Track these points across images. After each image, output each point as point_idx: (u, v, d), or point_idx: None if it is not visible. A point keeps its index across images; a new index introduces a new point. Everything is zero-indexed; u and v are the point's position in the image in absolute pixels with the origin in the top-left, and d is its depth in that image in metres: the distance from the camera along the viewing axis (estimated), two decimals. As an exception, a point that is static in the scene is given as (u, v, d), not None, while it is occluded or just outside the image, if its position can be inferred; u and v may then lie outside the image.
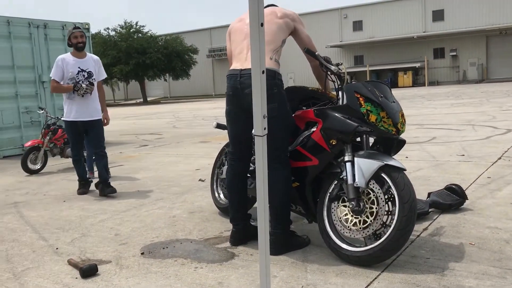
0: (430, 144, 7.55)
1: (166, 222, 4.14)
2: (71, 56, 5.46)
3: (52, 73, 5.41)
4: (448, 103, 17.14)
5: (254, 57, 1.39)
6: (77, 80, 5.37)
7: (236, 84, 3.23)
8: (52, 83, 5.43)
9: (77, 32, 5.43)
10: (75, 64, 5.42)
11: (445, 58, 43.12)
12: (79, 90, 5.32)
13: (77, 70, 5.39)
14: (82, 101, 5.39)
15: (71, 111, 5.41)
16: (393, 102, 3.15)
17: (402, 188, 2.79)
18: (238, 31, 3.42)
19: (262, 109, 1.48)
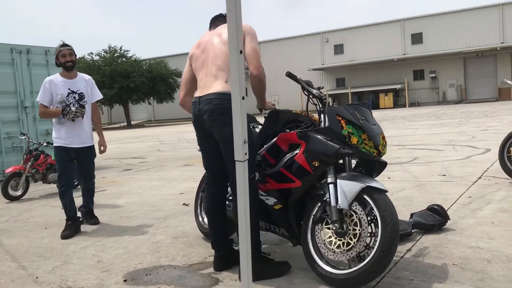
0: (412, 165, 7.63)
1: (149, 248, 4.09)
2: (60, 77, 4.98)
3: (40, 96, 4.92)
4: (429, 123, 17.41)
5: (233, 84, 1.41)
6: (67, 102, 4.91)
7: (196, 111, 3.37)
8: (40, 108, 4.94)
9: (65, 50, 4.94)
10: (64, 85, 4.94)
11: (424, 80, 43.95)
12: (68, 114, 4.83)
13: (67, 92, 4.92)
14: (73, 126, 4.92)
15: (61, 137, 4.93)
16: (374, 124, 3.21)
17: (384, 210, 2.81)
18: (197, 59, 3.51)
19: (243, 134, 1.50)
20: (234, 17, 1.32)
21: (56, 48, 5.00)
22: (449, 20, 42.39)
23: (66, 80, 4.97)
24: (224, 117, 3.19)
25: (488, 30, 41.17)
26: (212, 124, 3.28)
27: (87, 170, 5.13)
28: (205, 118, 3.30)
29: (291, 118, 3.61)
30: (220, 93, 3.24)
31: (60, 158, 4.96)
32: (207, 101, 3.28)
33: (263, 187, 3.35)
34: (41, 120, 10.16)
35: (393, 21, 45.40)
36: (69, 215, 4.92)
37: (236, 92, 1.43)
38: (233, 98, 1.45)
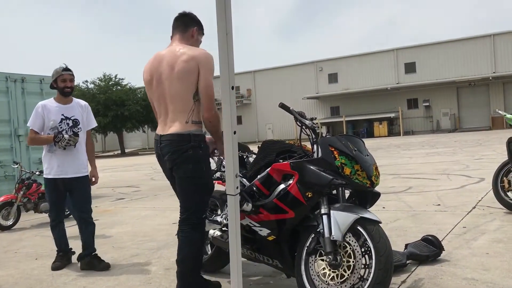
0: (406, 194, 7.63)
1: (141, 280, 4.03)
2: (54, 101, 4.64)
3: (30, 122, 4.57)
4: (423, 152, 17.49)
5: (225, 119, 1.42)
6: (59, 129, 4.54)
7: (158, 150, 3.36)
8: (30, 134, 4.59)
9: (67, 75, 4.61)
10: (58, 111, 4.59)
11: (418, 108, 44.35)
12: (60, 142, 4.45)
13: (60, 118, 4.57)
14: (65, 155, 4.53)
15: (51, 167, 4.55)
16: (367, 155, 3.22)
17: (378, 241, 2.80)
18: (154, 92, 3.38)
19: (234, 168, 1.50)
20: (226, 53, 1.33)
21: (57, 70, 4.64)
22: (442, 50, 43.10)
23: (61, 106, 4.63)
24: (181, 158, 3.21)
25: (480, 60, 41.86)
26: (171, 164, 3.28)
27: (83, 201, 4.65)
28: (166, 158, 3.29)
29: (284, 148, 3.63)
30: (180, 134, 3.21)
31: (50, 191, 4.61)
32: (167, 141, 3.26)
33: (257, 218, 3.33)
34: (34, 149, 10.12)
35: (386, 50, 46.13)
36: (59, 246, 4.73)
37: (228, 127, 1.44)
38: (225, 133, 1.46)
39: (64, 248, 4.74)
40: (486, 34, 42.13)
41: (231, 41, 1.29)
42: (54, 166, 4.54)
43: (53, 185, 4.57)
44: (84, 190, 4.65)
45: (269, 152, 3.60)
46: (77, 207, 4.68)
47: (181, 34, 3.36)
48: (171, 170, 3.32)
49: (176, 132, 3.21)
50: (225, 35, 1.28)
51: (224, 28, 1.30)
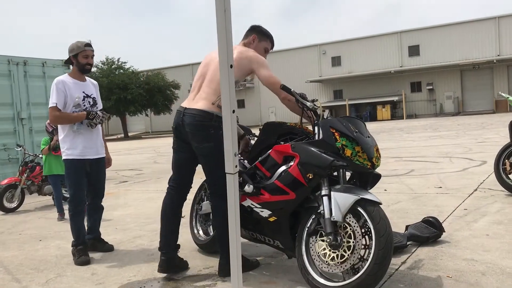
0: (408, 177, 7.64)
1: (144, 260, 4.07)
2: (70, 78, 4.35)
3: (54, 98, 4.21)
4: (426, 135, 17.46)
5: (224, 97, 1.42)
6: (83, 107, 4.33)
7: (179, 120, 3.53)
8: (53, 112, 4.20)
9: (89, 51, 4.35)
10: (77, 87, 4.34)
11: (422, 92, 44.13)
12: (95, 119, 4.30)
13: (82, 95, 4.34)
14: (89, 135, 4.34)
15: (75, 147, 4.27)
16: (368, 137, 3.22)
17: (378, 222, 2.82)
18: (200, 68, 3.67)
19: (233, 147, 1.51)
20: (224, 32, 1.33)
21: (78, 45, 4.33)
22: (446, 33, 42.70)
23: (79, 82, 4.38)
24: (203, 134, 3.41)
25: (485, 42, 41.49)
26: (192, 138, 3.46)
27: (100, 184, 4.53)
28: (187, 130, 3.47)
29: (285, 130, 3.64)
30: (205, 111, 3.41)
31: (74, 173, 4.29)
32: (191, 115, 3.45)
33: (258, 199, 3.35)
34: (37, 132, 10.17)
35: (390, 33, 45.72)
36: (80, 238, 4.31)
37: (227, 106, 1.44)
38: (224, 111, 1.46)
39: (84, 240, 4.35)
40: (491, 17, 41.67)
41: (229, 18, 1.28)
42: (79, 146, 4.30)
43: (78, 166, 4.30)
44: (102, 172, 4.54)
45: (270, 134, 3.63)
46: (92, 190, 4.52)
47: (244, 40, 3.79)
48: (188, 143, 3.50)
49: (201, 109, 3.42)
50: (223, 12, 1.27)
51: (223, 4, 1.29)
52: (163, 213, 3.67)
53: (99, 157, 4.44)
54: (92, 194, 4.53)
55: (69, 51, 4.37)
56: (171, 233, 3.64)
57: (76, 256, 4.18)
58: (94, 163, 4.40)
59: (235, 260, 1.77)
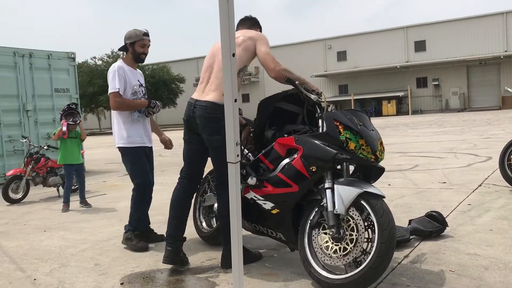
0: (412, 172, 7.62)
1: (147, 251, 4.09)
2: (126, 65, 4.31)
3: (116, 84, 4.15)
4: (431, 131, 17.39)
5: (226, 88, 1.42)
6: (139, 96, 4.33)
7: (190, 112, 3.55)
8: (116, 97, 4.14)
9: (147, 41, 4.29)
10: (133, 75, 4.33)
11: (427, 87, 43.91)
12: (155, 108, 4.32)
13: (138, 83, 4.34)
14: (144, 123, 4.37)
15: (137, 134, 4.26)
16: (372, 130, 3.21)
17: (381, 215, 2.81)
18: (206, 60, 3.66)
19: (235, 136, 1.51)
20: (226, 19, 1.33)
21: (137, 33, 4.27)
22: (453, 28, 42.41)
23: (133, 70, 4.36)
24: (214, 126, 3.41)
25: (492, 38, 41.17)
26: (202, 130, 3.48)
27: (152, 173, 4.51)
28: (197, 122, 3.50)
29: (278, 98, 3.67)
30: (215, 103, 3.42)
31: (139, 161, 4.27)
32: (201, 107, 3.46)
33: (261, 192, 3.35)
34: (42, 123, 10.22)
35: (396, 28, 45.46)
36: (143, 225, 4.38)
37: (228, 95, 1.43)
38: (226, 100, 1.46)
39: (141, 227, 4.38)
40: (498, 12, 41.32)
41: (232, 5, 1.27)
42: (139, 134, 4.30)
43: (140, 154, 4.29)
44: (152, 161, 4.51)
45: (266, 108, 3.67)
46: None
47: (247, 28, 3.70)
48: (199, 135, 3.53)
49: (211, 100, 3.44)
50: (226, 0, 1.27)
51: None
52: (174, 203, 3.66)
53: (152, 145, 4.48)
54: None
55: (126, 38, 4.31)
56: (180, 223, 3.63)
57: (135, 241, 4.20)
58: (149, 151, 4.43)
59: (236, 251, 1.77)
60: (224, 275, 3.35)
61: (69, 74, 11.01)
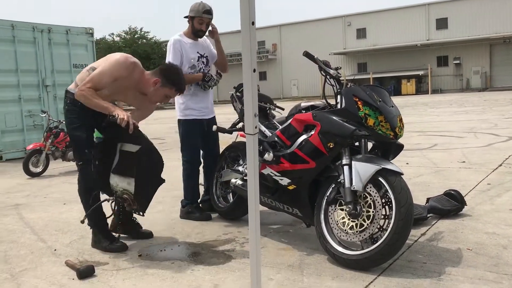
0: (431, 151, 7.53)
1: (164, 225, 4.14)
2: (185, 37, 4.27)
3: (170, 58, 4.18)
4: (451, 110, 17.12)
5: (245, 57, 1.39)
6: (197, 68, 4.27)
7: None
8: None
9: (206, 19, 4.19)
10: (193, 48, 4.26)
11: (448, 66, 43.03)
12: (210, 81, 4.24)
13: (197, 56, 4.27)
14: (205, 96, 4.33)
15: (194, 107, 4.26)
16: (392, 106, 3.16)
17: (399, 192, 2.79)
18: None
19: (254, 108, 1.49)
20: (246, -13, 1.30)
21: (198, 9, 4.18)
22: (476, 5, 41.23)
23: (193, 42, 4.29)
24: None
25: (517, 15, 39.98)
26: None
27: (215, 145, 4.49)
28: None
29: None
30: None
31: (192, 134, 4.31)
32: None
33: (278, 168, 3.35)
34: (61, 99, 10.27)
35: (417, 5, 44.39)
36: (195, 199, 4.42)
37: (247, 64, 1.41)
38: (244, 70, 1.43)
39: (197, 199, 4.45)
40: (525, -12, 40.03)
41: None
42: (197, 107, 4.29)
43: (195, 127, 4.32)
44: (215, 133, 4.41)
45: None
46: (208, 151, 4.49)
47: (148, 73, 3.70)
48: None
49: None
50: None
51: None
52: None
53: (212, 116, 4.43)
54: (208, 155, 4.50)
55: (190, 9, 4.26)
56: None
57: (197, 213, 4.29)
58: (209, 124, 4.35)
59: (254, 225, 1.77)
60: (240, 248, 3.38)
61: (87, 50, 11.05)
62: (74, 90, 3.46)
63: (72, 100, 3.48)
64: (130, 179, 3.43)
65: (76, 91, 3.38)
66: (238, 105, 4.21)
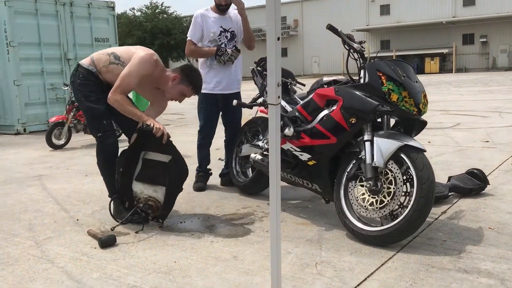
0: (454, 130, 7.41)
1: (184, 198, 4.18)
2: (211, 11, 4.31)
3: (189, 32, 4.30)
4: (476, 90, 16.75)
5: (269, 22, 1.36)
6: (219, 42, 4.28)
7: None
8: (188, 45, 4.31)
9: None
10: (216, 22, 4.27)
11: (474, 45, 41.93)
12: (223, 56, 4.21)
13: (219, 30, 4.27)
14: (222, 70, 4.31)
15: (209, 81, 4.29)
16: (416, 82, 3.10)
17: (421, 169, 2.75)
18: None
19: (277, 77, 1.46)
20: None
21: None
22: (506, -19, 39.85)
23: (218, 16, 4.29)
24: None
25: (549, -9, 38.53)
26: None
27: (234, 120, 4.51)
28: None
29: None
30: None
31: (205, 106, 4.40)
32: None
33: (298, 143, 3.33)
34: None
35: (444, -20, 43.13)
36: (203, 169, 4.58)
37: (272, 32, 1.38)
38: (268, 38, 1.40)
39: (205, 169, 4.61)
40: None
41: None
42: (213, 81, 4.33)
43: (208, 100, 4.37)
44: (238, 108, 4.42)
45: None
46: (228, 126, 4.55)
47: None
48: None
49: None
50: None
51: None
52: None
53: (231, 92, 4.39)
54: (228, 130, 4.56)
55: None
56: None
57: (194, 181, 4.49)
58: (226, 99, 4.35)
59: (274, 198, 1.77)
60: (259, 222, 3.40)
61: (109, 24, 11.06)
62: (89, 66, 3.51)
63: (85, 75, 3.52)
64: (158, 187, 3.48)
65: (109, 96, 3.38)
66: (258, 80, 4.18)
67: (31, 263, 2.81)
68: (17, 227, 3.54)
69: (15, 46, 9.40)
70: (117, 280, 2.52)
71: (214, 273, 2.56)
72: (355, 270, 2.52)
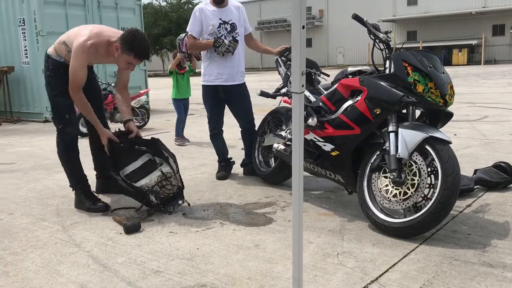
0: (481, 123, 7.26)
1: (208, 186, 4.23)
2: (210, 4, 4.37)
3: (189, 27, 4.37)
4: (505, 82, 16.35)
5: (294, 11, 1.36)
6: (218, 34, 4.31)
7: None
8: (189, 39, 4.39)
9: None
10: (215, 14, 4.31)
11: (505, 36, 40.85)
12: (220, 47, 4.24)
13: (218, 22, 4.30)
14: (224, 61, 4.35)
15: (210, 73, 4.39)
16: (443, 73, 3.05)
17: (446, 161, 2.72)
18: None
19: (301, 66, 1.46)
20: None
21: None
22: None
23: (218, 9, 4.34)
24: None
25: None
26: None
27: (241, 110, 4.54)
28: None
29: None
30: None
31: (208, 98, 4.48)
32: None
33: (321, 133, 3.32)
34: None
35: (474, -30, 42.03)
36: (222, 155, 4.65)
37: (297, 21, 1.38)
38: (293, 25, 1.40)
39: (225, 158, 4.67)
40: None
41: None
42: (214, 73, 4.39)
43: (212, 92, 4.45)
44: (243, 99, 4.50)
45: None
46: (240, 115, 4.58)
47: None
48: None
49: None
50: None
51: None
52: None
53: (233, 84, 4.41)
54: (240, 119, 4.60)
55: None
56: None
57: (217, 170, 4.63)
58: (228, 90, 4.41)
59: (297, 187, 1.78)
60: (281, 212, 3.42)
61: (135, 13, 11.17)
62: (57, 57, 3.55)
63: (54, 67, 3.57)
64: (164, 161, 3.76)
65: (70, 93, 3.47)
66: (282, 70, 4.18)
67: (59, 247, 2.89)
68: (45, 212, 3.64)
69: (44, 35, 9.58)
70: (141, 265, 2.58)
71: (236, 260, 2.59)
72: (377, 261, 2.52)
